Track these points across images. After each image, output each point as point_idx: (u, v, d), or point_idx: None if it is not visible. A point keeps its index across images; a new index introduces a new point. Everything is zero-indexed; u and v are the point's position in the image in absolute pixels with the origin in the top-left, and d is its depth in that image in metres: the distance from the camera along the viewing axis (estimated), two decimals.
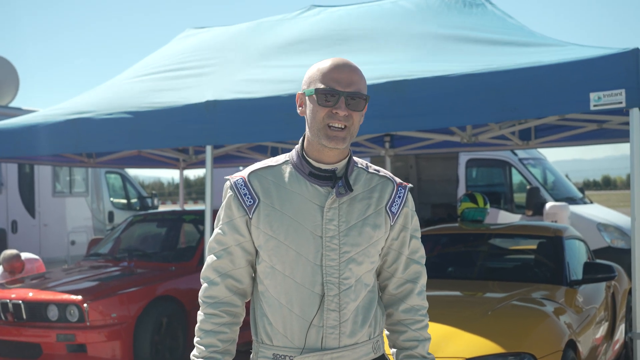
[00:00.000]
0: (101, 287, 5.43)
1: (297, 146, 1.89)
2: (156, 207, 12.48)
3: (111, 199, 11.53)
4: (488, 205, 5.77)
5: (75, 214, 10.62)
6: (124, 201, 11.87)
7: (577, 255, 5.07)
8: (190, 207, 22.16)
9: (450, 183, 9.97)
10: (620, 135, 5.89)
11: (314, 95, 1.79)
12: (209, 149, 4.93)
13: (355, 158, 1.92)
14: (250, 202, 1.84)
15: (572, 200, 9.04)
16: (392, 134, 7.08)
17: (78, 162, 7.61)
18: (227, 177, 1.92)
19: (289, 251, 1.80)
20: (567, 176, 11.75)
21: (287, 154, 1.92)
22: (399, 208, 1.89)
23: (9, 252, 6.16)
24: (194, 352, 1.88)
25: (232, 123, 4.73)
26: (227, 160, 7.95)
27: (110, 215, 11.35)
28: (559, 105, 3.79)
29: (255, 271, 1.91)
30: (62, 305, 5.14)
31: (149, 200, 12.13)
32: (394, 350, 1.98)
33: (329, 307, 1.79)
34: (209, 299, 1.88)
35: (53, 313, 5.16)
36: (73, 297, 5.16)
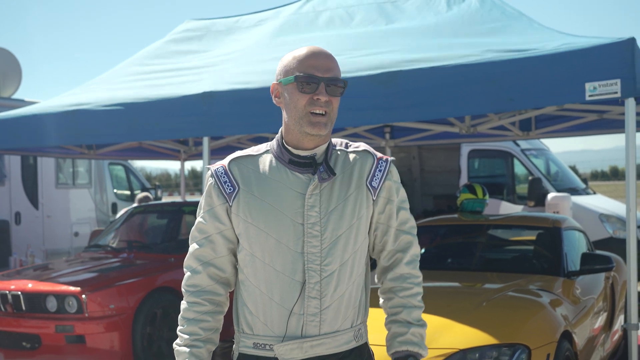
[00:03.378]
0: (100, 279, 5.45)
1: (277, 135, 1.89)
2: (160, 199, 12.50)
3: (114, 190, 11.56)
4: (487, 197, 5.76)
5: (78, 205, 10.65)
6: (128, 192, 11.89)
7: (575, 246, 5.06)
8: (197, 198, 22.23)
9: (453, 174, 9.95)
10: (621, 125, 5.86)
11: (293, 83, 1.79)
12: (205, 140, 4.93)
13: (333, 140, 1.92)
14: (230, 189, 1.84)
15: (574, 191, 9.00)
16: (392, 125, 7.06)
17: (79, 153, 7.62)
18: (208, 166, 1.93)
19: (268, 239, 1.80)
20: (574, 167, 11.71)
21: (268, 143, 1.92)
22: (380, 182, 1.88)
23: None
24: (177, 340, 1.89)
25: (229, 114, 4.73)
26: (227, 152, 7.93)
27: (114, 207, 11.38)
28: (555, 96, 3.77)
29: (237, 260, 1.91)
30: (61, 297, 5.16)
31: (152, 192, 12.15)
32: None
33: (309, 294, 1.79)
34: (192, 288, 1.88)
35: (52, 304, 5.18)
36: (72, 288, 5.18)
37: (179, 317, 1.90)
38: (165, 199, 20.19)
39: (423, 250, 5.40)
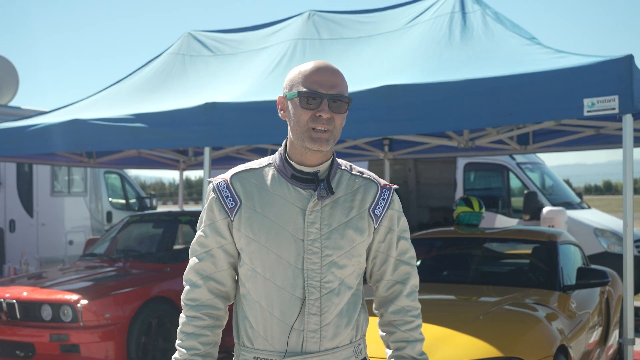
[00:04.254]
0: (95, 288, 5.43)
1: (280, 149, 1.89)
2: (155, 208, 12.48)
3: (110, 199, 11.53)
4: (483, 210, 5.77)
5: (73, 213, 10.62)
6: (123, 201, 11.86)
7: (571, 261, 5.08)
8: (191, 207, 22.23)
9: (449, 186, 9.99)
10: (617, 140, 5.91)
11: (296, 99, 1.79)
12: (207, 150, 4.95)
13: (339, 160, 1.92)
14: (232, 204, 1.84)
15: (569, 205, 9.04)
16: (390, 138, 7.09)
17: (78, 162, 7.62)
18: (209, 180, 1.92)
19: (269, 254, 1.80)
20: (568, 181, 11.74)
21: (271, 156, 1.92)
22: (382, 210, 1.88)
23: None
24: (176, 354, 1.88)
25: (231, 125, 4.75)
26: (226, 162, 7.96)
27: (109, 215, 11.35)
28: (554, 111, 3.80)
29: (237, 274, 1.91)
30: (56, 305, 5.14)
31: (147, 201, 12.13)
32: (388, 351, 1.98)
33: (310, 311, 1.79)
34: (191, 302, 1.88)
35: (47, 313, 5.16)
36: (67, 297, 5.16)
37: (178, 330, 1.89)
38: (160, 208, 20.14)
39: (419, 263, 5.41)
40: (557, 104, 3.72)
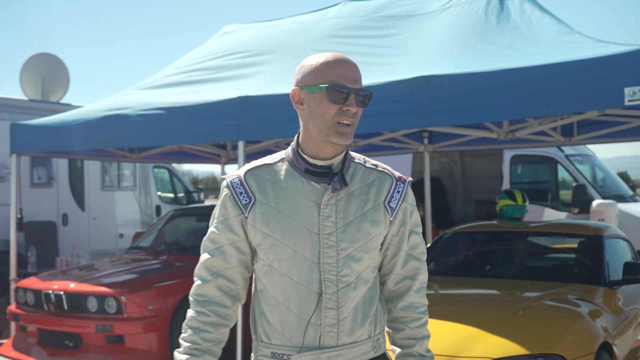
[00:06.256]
0: (139, 280, 5.55)
1: (293, 143, 1.88)
2: (202, 202, 12.66)
3: (158, 193, 11.75)
4: (527, 203, 5.64)
5: (123, 207, 10.86)
6: (171, 195, 12.08)
7: (618, 255, 4.92)
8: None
9: (495, 179, 9.81)
10: None
11: (324, 93, 1.76)
12: (241, 144, 4.97)
13: (352, 153, 1.90)
14: (246, 200, 1.83)
15: (621, 198, 8.76)
16: (430, 130, 7.00)
17: (121, 157, 7.78)
18: (223, 176, 1.92)
19: (285, 249, 1.79)
20: (626, 173, 11.41)
21: (284, 151, 1.90)
22: (397, 203, 1.86)
23: None
24: (179, 348, 1.89)
25: (264, 119, 4.75)
26: (265, 156, 8.00)
27: (158, 209, 11.57)
28: (593, 101, 3.68)
29: (253, 270, 1.90)
30: (101, 297, 5.28)
31: (195, 195, 12.32)
32: (393, 347, 1.96)
33: (327, 305, 1.77)
34: (199, 297, 1.87)
35: (92, 304, 5.30)
36: (111, 289, 5.29)
37: (183, 324, 1.90)
38: (209, 202, 20.42)
39: (461, 257, 5.34)
40: (597, 94, 3.59)
